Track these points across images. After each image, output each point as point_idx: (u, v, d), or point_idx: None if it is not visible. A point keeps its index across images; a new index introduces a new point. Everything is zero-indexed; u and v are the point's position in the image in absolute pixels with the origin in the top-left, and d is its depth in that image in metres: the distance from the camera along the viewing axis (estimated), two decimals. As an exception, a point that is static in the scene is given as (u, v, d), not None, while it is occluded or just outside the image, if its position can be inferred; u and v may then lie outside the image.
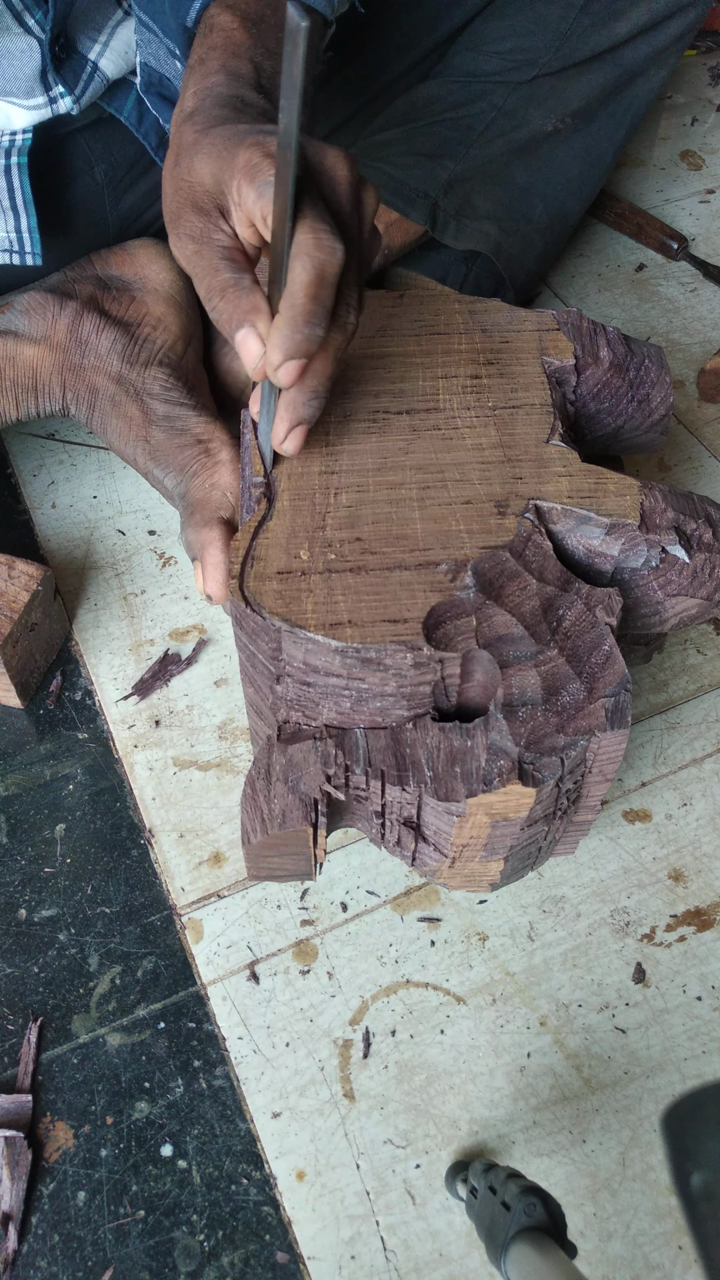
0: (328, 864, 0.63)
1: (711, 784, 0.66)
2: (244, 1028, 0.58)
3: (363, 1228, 0.52)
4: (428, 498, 0.52)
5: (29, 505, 0.81)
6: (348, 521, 0.51)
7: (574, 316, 0.60)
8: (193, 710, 0.69)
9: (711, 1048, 0.57)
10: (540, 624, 0.48)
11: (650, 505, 0.51)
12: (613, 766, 0.49)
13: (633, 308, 0.95)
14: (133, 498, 0.81)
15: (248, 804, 0.49)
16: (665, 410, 0.60)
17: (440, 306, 0.61)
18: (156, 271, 0.74)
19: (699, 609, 0.53)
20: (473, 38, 0.83)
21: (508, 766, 0.45)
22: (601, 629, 0.48)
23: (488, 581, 0.48)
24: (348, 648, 0.46)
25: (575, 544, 0.52)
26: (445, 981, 0.59)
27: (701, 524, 0.52)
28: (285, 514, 0.51)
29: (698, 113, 1.15)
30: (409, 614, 0.47)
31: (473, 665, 0.48)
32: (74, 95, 0.65)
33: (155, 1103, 0.56)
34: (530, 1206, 0.43)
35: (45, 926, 0.61)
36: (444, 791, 0.46)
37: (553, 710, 0.46)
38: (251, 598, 0.48)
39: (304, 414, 0.49)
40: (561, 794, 0.48)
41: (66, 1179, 0.54)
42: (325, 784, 0.47)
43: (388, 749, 0.48)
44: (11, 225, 0.67)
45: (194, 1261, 0.51)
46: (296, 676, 0.48)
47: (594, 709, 0.46)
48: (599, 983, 0.59)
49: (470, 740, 0.47)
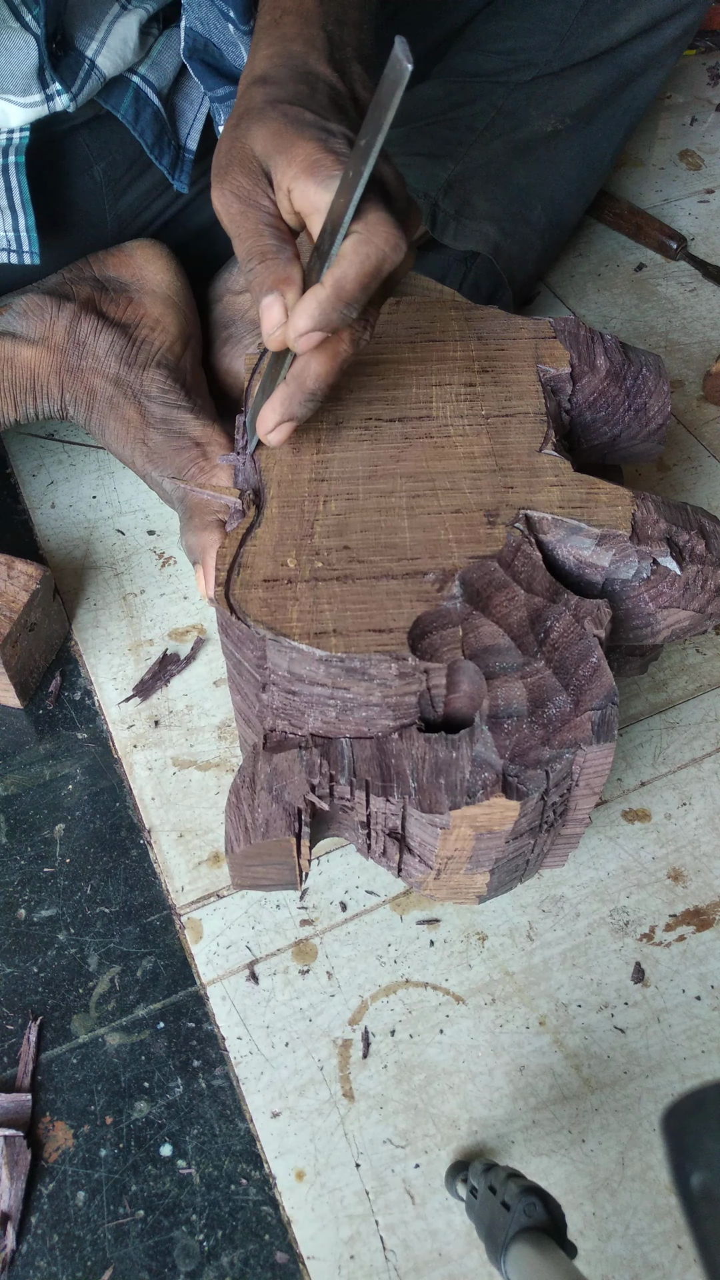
0: (327, 863, 0.63)
1: (711, 784, 0.66)
2: (243, 1027, 0.58)
3: (362, 1227, 0.52)
4: (417, 506, 0.52)
5: (28, 505, 0.81)
6: (336, 529, 0.51)
7: (571, 324, 0.60)
8: (192, 710, 0.69)
9: (711, 1047, 0.57)
10: (528, 635, 0.47)
11: (642, 516, 0.51)
12: (600, 780, 0.48)
13: (632, 308, 0.95)
14: (132, 498, 0.81)
15: (232, 812, 0.49)
16: (663, 419, 0.60)
17: (436, 313, 0.61)
18: (154, 273, 0.74)
19: (691, 621, 0.53)
20: (473, 38, 0.83)
21: (492, 779, 0.45)
22: (590, 641, 0.47)
23: (475, 592, 0.48)
24: (332, 657, 0.46)
25: (566, 554, 0.52)
26: (444, 981, 0.59)
27: (694, 535, 0.52)
28: (274, 521, 0.51)
29: (697, 113, 1.15)
30: (395, 624, 0.47)
31: (459, 676, 0.47)
32: (71, 93, 0.65)
33: (155, 1102, 0.56)
34: (530, 1206, 0.43)
35: (45, 926, 0.61)
36: (428, 803, 0.45)
37: (539, 722, 0.46)
38: (237, 605, 0.48)
39: (296, 411, 0.50)
40: (547, 807, 0.48)
41: (66, 1179, 0.54)
42: (309, 793, 0.46)
43: (373, 759, 0.47)
44: (9, 224, 0.67)
45: (193, 1261, 0.51)
46: (282, 685, 0.48)
47: (580, 722, 0.46)
48: (598, 982, 0.59)
49: (455, 752, 0.46)
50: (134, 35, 0.66)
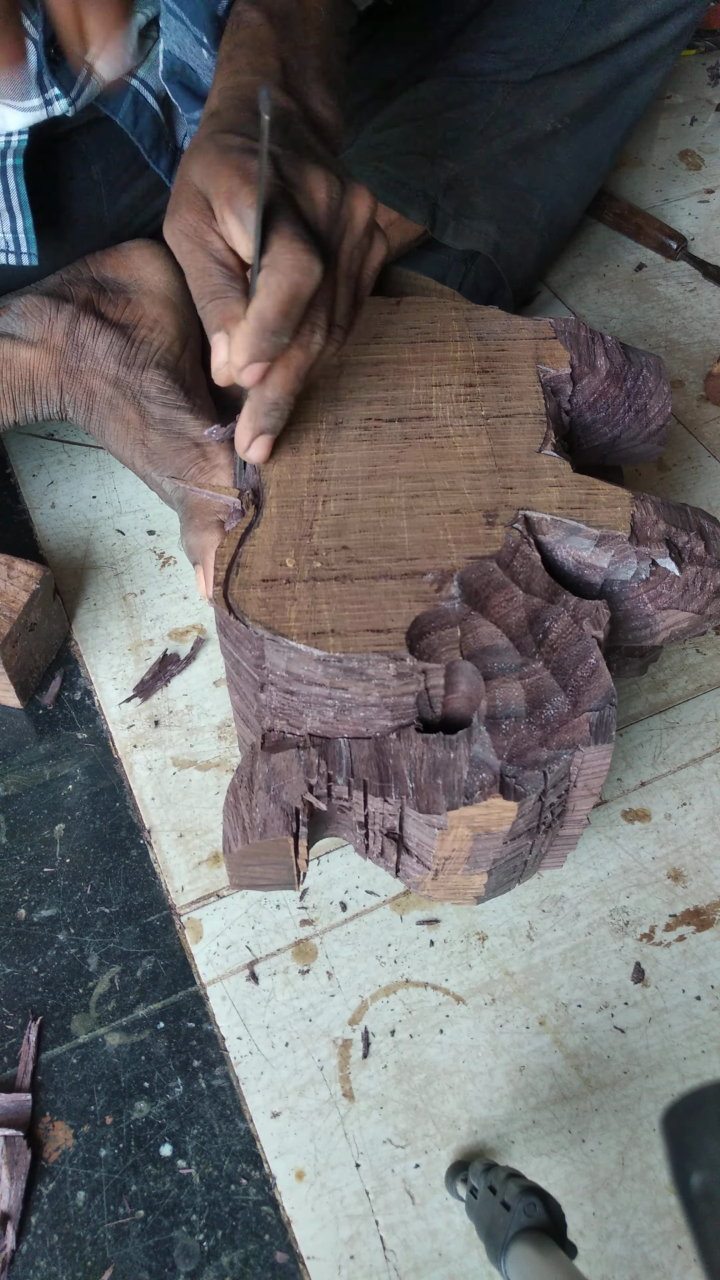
0: (327, 863, 0.63)
1: (710, 783, 0.66)
2: (243, 1027, 0.58)
3: (362, 1227, 0.52)
4: (416, 507, 0.52)
5: (28, 505, 0.81)
6: (335, 529, 0.51)
7: (571, 325, 0.60)
8: (192, 710, 0.69)
9: (711, 1047, 0.57)
10: (526, 636, 0.47)
11: (641, 517, 0.51)
12: (598, 781, 0.48)
13: (632, 308, 0.95)
14: (132, 498, 0.81)
15: (230, 812, 0.49)
16: (663, 420, 0.60)
17: (436, 314, 0.61)
18: (152, 273, 0.74)
19: (690, 623, 0.53)
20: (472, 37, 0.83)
21: (489, 779, 0.45)
22: (588, 642, 0.47)
23: (474, 592, 0.48)
24: (330, 657, 0.46)
25: (564, 555, 0.52)
26: (444, 981, 0.59)
27: (694, 537, 0.52)
28: (272, 521, 0.51)
29: (697, 112, 1.15)
30: (393, 624, 0.47)
31: (457, 676, 0.47)
32: (70, 97, 0.65)
33: (155, 1102, 0.56)
34: (530, 1206, 0.43)
35: (45, 926, 0.61)
36: (425, 804, 0.45)
37: (537, 723, 0.46)
38: (235, 605, 0.48)
39: (264, 424, 0.51)
40: (545, 808, 0.48)
41: (66, 1179, 0.54)
42: (307, 793, 0.46)
43: (371, 759, 0.47)
44: (8, 226, 0.67)
45: (193, 1261, 0.51)
46: (280, 685, 0.48)
47: (578, 722, 0.46)
48: (598, 982, 0.59)
49: (453, 752, 0.46)
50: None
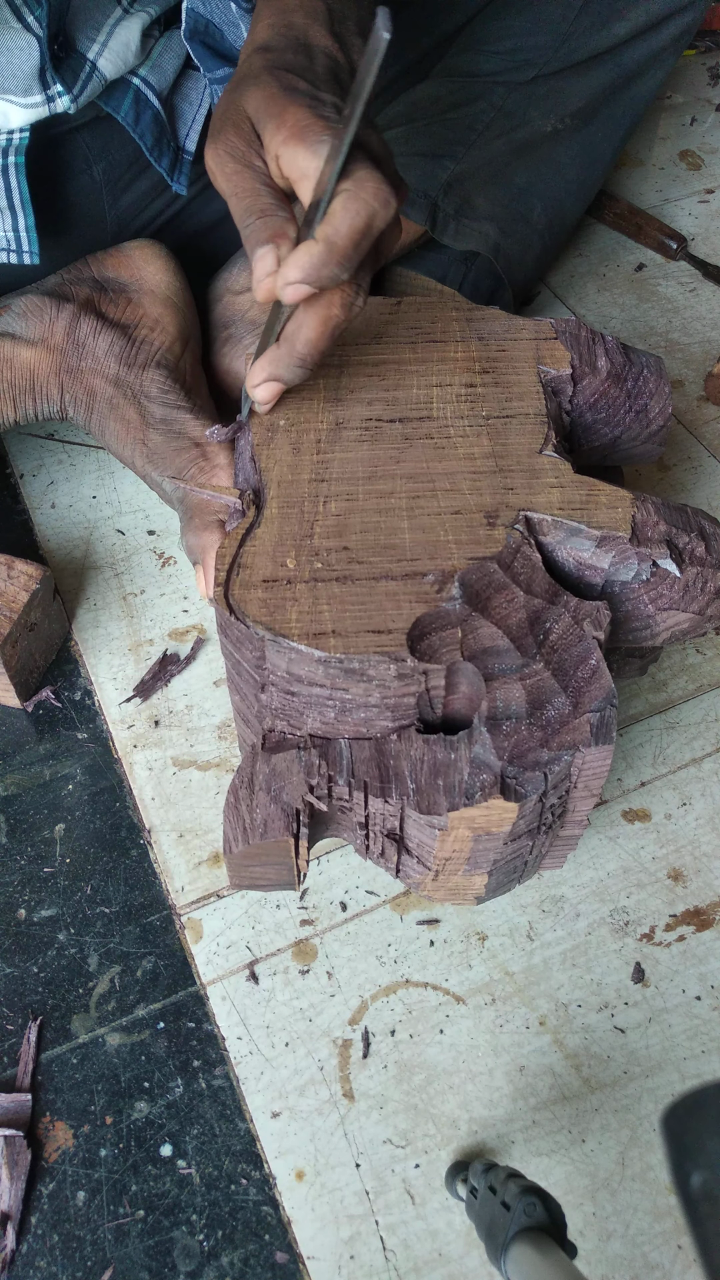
0: (327, 863, 0.63)
1: (711, 784, 0.66)
2: (243, 1027, 0.58)
3: (362, 1227, 0.52)
4: (417, 507, 0.52)
5: (28, 505, 0.81)
6: (336, 530, 0.51)
7: (572, 325, 0.60)
8: (192, 710, 0.69)
9: (711, 1047, 0.57)
10: (527, 637, 0.47)
11: (642, 518, 0.51)
12: (598, 782, 0.48)
13: (632, 308, 0.95)
14: (132, 498, 0.81)
15: (230, 813, 0.49)
16: (664, 421, 0.60)
17: (437, 314, 0.61)
18: (153, 273, 0.74)
19: (691, 623, 0.53)
20: (472, 37, 0.83)
21: (490, 780, 0.45)
22: (589, 643, 0.47)
23: (475, 593, 0.48)
24: (330, 658, 0.46)
25: (565, 556, 0.52)
26: (444, 981, 0.59)
27: (694, 538, 0.52)
28: (273, 521, 0.51)
29: (697, 113, 1.15)
30: (394, 625, 0.47)
31: (457, 677, 0.47)
32: (72, 94, 0.65)
33: (155, 1102, 0.56)
34: (530, 1206, 0.43)
35: (45, 926, 0.61)
36: (426, 804, 0.45)
37: (537, 724, 0.46)
38: (236, 605, 0.48)
39: (283, 374, 0.51)
40: (545, 809, 0.48)
41: (66, 1179, 0.54)
42: (308, 794, 0.46)
43: (371, 760, 0.47)
44: (9, 224, 0.67)
45: (193, 1261, 0.51)
46: (280, 686, 0.48)
47: (579, 724, 0.46)
48: (598, 982, 0.59)
49: (454, 753, 0.46)
50: (136, 39, 0.67)
